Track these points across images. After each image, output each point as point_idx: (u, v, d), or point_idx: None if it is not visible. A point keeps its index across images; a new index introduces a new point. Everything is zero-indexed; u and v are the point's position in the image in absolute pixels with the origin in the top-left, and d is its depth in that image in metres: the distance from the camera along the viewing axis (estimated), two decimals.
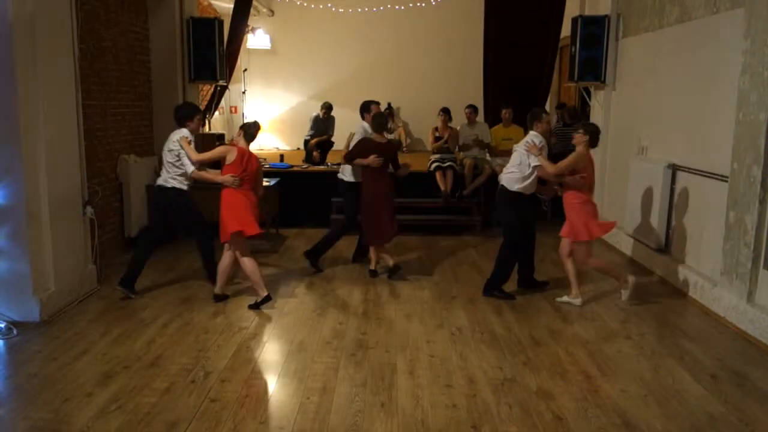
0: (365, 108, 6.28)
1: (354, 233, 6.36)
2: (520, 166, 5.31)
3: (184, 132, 5.31)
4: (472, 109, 8.40)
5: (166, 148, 5.38)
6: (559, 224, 5.55)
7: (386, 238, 5.97)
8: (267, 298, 5.20)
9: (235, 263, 5.27)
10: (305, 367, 4.11)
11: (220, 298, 5.36)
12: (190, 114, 5.39)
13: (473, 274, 6.18)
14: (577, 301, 5.31)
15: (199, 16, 8.77)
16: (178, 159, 5.29)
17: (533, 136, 5.33)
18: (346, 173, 6.17)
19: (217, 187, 5.21)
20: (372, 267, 6.09)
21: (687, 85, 5.86)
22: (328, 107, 9.54)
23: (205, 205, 5.57)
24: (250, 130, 5.30)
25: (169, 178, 5.35)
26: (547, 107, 9.83)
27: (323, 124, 9.56)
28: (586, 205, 5.28)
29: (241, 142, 5.23)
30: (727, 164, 4.98)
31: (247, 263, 5.16)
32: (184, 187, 5.36)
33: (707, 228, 5.44)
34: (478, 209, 8.11)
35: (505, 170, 5.46)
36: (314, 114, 9.64)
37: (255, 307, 5.17)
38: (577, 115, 8.75)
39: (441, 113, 8.62)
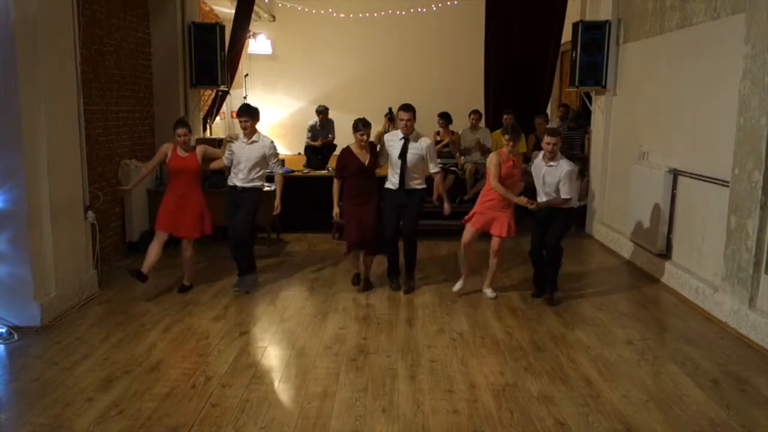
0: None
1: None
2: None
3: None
4: (478, 115, 8.40)
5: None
6: None
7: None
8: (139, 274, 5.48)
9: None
10: (306, 372, 4.10)
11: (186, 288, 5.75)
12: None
13: (474, 279, 6.17)
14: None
15: (201, 21, 8.79)
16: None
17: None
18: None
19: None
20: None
21: (688, 90, 5.87)
22: (324, 110, 9.49)
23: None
24: None
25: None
26: (549, 111, 9.84)
27: (322, 131, 9.52)
28: None
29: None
30: (729, 169, 4.98)
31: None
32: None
33: (708, 233, 5.43)
34: None
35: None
36: (310, 123, 9.52)
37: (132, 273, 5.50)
38: (581, 120, 8.76)
39: (439, 118, 8.61)
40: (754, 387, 3.94)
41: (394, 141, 5.83)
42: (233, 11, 9.06)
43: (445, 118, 8.58)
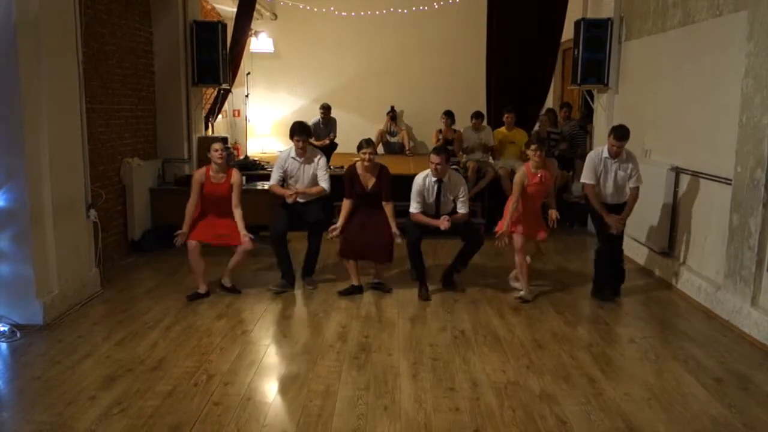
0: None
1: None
2: None
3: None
4: (480, 118, 8.39)
5: None
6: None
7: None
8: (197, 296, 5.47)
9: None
10: (308, 370, 4.10)
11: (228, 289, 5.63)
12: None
13: (476, 277, 6.17)
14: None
15: (203, 19, 8.79)
16: None
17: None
18: None
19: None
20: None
21: (690, 88, 5.86)
22: (326, 108, 9.48)
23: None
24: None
25: None
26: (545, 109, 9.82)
27: (324, 130, 9.51)
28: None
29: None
30: (731, 167, 4.97)
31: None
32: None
33: (711, 231, 5.43)
34: (481, 212, 8.10)
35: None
36: (312, 121, 9.52)
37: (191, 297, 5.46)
38: (587, 119, 8.77)
39: (444, 116, 8.65)
40: (757, 385, 3.94)
41: (429, 186, 5.55)
42: (235, 9, 9.06)
43: (450, 116, 8.61)
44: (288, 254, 5.79)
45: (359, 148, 5.55)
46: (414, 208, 5.57)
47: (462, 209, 5.59)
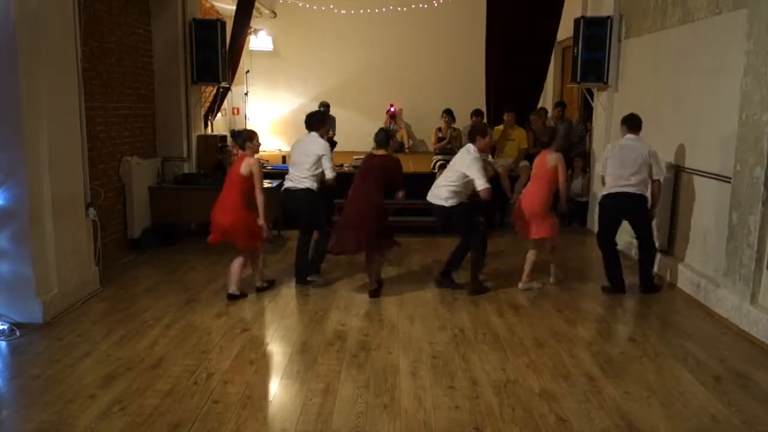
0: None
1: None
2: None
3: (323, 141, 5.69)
4: (479, 117, 8.39)
5: (303, 152, 5.65)
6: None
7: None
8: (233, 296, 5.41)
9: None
10: (308, 368, 4.11)
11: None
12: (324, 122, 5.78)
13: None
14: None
15: (202, 17, 8.78)
16: (317, 162, 5.59)
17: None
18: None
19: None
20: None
21: (689, 87, 5.86)
22: (325, 106, 9.50)
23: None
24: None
25: (303, 179, 5.60)
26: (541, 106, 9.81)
27: None
28: None
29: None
30: (730, 165, 4.97)
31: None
32: (315, 188, 5.63)
33: (710, 229, 5.43)
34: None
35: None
36: None
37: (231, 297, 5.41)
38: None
39: (444, 115, 8.66)
40: (756, 383, 3.94)
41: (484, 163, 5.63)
42: (234, 7, 9.05)
43: (450, 114, 8.62)
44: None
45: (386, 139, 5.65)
46: (486, 183, 5.51)
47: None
